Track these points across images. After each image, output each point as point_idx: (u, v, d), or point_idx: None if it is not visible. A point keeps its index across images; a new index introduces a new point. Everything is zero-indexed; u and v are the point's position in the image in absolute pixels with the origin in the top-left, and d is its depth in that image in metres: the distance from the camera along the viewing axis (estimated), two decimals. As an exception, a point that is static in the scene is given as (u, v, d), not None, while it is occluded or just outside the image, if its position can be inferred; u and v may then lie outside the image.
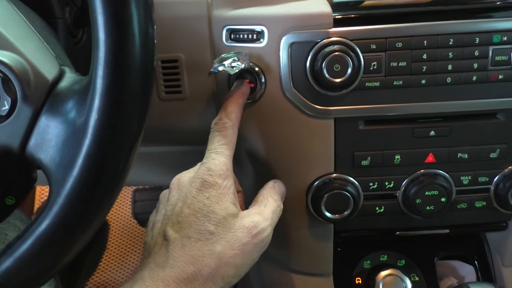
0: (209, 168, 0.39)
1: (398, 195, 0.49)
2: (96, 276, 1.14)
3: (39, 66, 0.31)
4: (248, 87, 0.45)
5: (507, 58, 0.43)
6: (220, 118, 0.42)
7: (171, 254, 0.36)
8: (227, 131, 0.41)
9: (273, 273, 0.57)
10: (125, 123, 0.28)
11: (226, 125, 0.41)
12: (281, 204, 0.43)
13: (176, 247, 0.36)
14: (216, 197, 0.38)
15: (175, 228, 0.37)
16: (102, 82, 0.27)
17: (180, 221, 0.37)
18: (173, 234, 0.37)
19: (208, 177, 0.38)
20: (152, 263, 0.36)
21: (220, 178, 0.38)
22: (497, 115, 0.47)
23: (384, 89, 0.44)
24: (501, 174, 0.48)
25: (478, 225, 0.53)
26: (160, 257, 0.36)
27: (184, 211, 0.37)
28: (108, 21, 0.26)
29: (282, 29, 0.44)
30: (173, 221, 0.37)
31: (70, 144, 0.29)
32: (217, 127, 0.41)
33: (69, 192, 0.29)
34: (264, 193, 0.43)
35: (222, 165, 0.39)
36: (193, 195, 0.38)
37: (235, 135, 0.42)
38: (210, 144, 0.41)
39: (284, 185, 0.46)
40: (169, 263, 0.35)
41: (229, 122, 0.42)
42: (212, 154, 0.40)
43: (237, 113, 0.43)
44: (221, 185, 0.38)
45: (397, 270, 0.53)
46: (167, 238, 0.37)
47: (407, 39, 0.43)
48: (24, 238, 0.30)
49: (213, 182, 0.38)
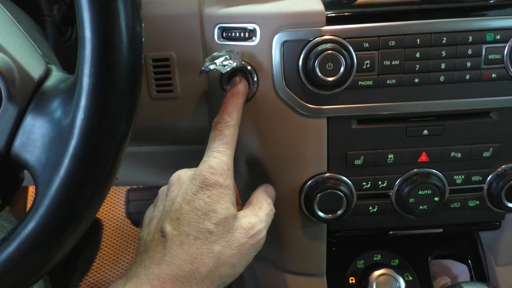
0: (210, 166, 0.38)
1: (392, 194, 0.49)
2: (90, 276, 1.14)
3: (24, 65, 0.30)
4: (246, 85, 0.45)
5: (500, 57, 0.43)
6: (221, 117, 0.41)
7: (168, 251, 0.35)
8: (229, 130, 0.41)
9: (266, 274, 0.57)
10: (112, 123, 0.28)
11: (228, 124, 0.41)
12: (273, 207, 0.43)
13: (174, 244, 0.35)
14: (217, 196, 0.37)
15: (174, 224, 0.36)
16: (88, 81, 0.27)
17: (179, 218, 0.36)
18: (171, 231, 0.36)
19: (210, 175, 0.38)
20: (148, 260, 0.35)
21: (222, 178, 0.38)
22: (490, 114, 0.47)
23: (377, 88, 0.44)
24: (494, 173, 0.48)
25: (471, 224, 0.53)
26: (156, 254, 0.36)
27: (184, 207, 0.37)
28: (94, 18, 0.26)
29: (274, 27, 0.43)
30: (171, 217, 0.37)
31: (56, 144, 0.29)
32: (219, 126, 0.41)
33: (55, 193, 0.28)
34: (258, 196, 0.43)
35: (223, 164, 0.39)
36: (194, 192, 0.37)
37: (236, 134, 0.42)
38: (211, 143, 0.41)
39: (274, 189, 0.47)
40: (166, 260, 0.35)
41: (231, 121, 0.41)
42: (214, 153, 0.39)
43: (238, 113, 0.42)
44: (222, 185, 0.38)
45: (390, 270, 0.53)
46: (164, 235, 0.36)
47: (400, 37, 0.43)
48: (10, 240, 0.30)
49: (215, 181, 0.38)
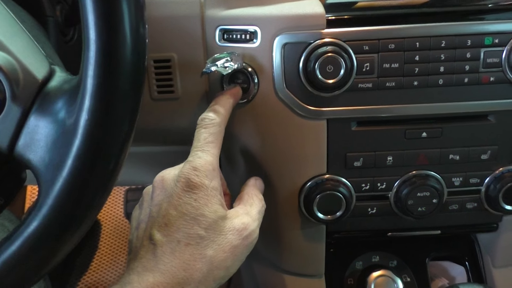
0: (195, 168, 0.37)
1: (390, 196, 0.49)
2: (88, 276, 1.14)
3: (28, 65, 0.31)
4: (240, 90, 0.44)
5: (498, 60, 0.44)
6: (207, 114, 0.40)
7: (160, 259, 0.34)
8: (214, 128, 0.39)
9: (265, 274, 0.57)
10: (115, 124, 0.28)
11: (213, 122, 0.39)
12: (264, 203, 0.42)
13: (165, 251, 0.34)
14: (204, 199, 0.36)
15: (162, 231, 0.35)
16: (92, 82, 0.27)
17: (167, 224, 0.35)
18: (161, 238, 0.35)
19: (194, 177, 0.36)
20: (140, 267, 0.35)
21: (207, 179, 0.36)
22: (488, 117, 0.47)
23: (377, 90, 0.44)
24: (492, 175, 0.48)
25: (469, 226, 0.53)
26: (147, 261, 0.35)
27: (171, 213, 0.36)
28: (98, 20, 0.26)
29: (275, 29, 0.43)
30: (159, 223, 0.36)
31: (59, 144, 0.29)
32: (203, 123, 0.39)
33: (58, 193, 0.28)
34: (249, 191, 0.42)
35: (208, 164, 0.37)
36: (179, 196, 0.36)
37: (222, 133, 0.40)
38: (196, 141, 0.39)
39: (263, 182, 0.45)
40: (159, 268, 0.34)
41: (217, 118, 0.39)
42: (198, 152, 0.38)
43: (225, 111, 0.41)
44: (208, 187, 0.36)
45: (388, 271, 0.53)
46: (154, 242, 0.35)
47: (400, 40, 0.43)
48: (12, 239, 0.30)
49: (200, 183, 0.36)
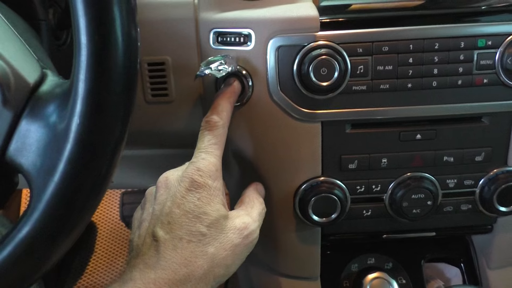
0: (198, 168, 0.38)
1: (385, 198, 0.49)
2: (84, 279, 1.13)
3: (20, 69, 0.30)
4: (239, 86, 0.45)
5: (491, 62, 0.44)
6: (210, 117, 0.41)
7: (162, 255, 0.35)
8: (218, 130, 0.40)
9: (261, 277, 0.57)
10: (107, 128, 0.28)
11: (217, 124, 0.40)
12: (265, 206, 0.43)
13: (167, 248, 0.35)
14: (207, 198, 0.37)
15: (165, 228, 0.36)
16: (84, 86, 0.27)
17: (170, 222, 0.36)
18: (164, 235, 0.36)
19: (198, 178, 0.37)
20: (142, 264, 0.35)
21: (210, 179, 0.38)
22: (482, 119, 0.47)
23: (371, 92, 0.44)
24: (486, 177, 0.49)
25: (464, 227, 0.53)
26: (149, 258, 0.35)
27: (174, 211, 0.37)
28: (89, 24, 0.26)
29: (269, 32, 0.43)
30: (162, 221, 0.37)
31: (51, 149, 0.29)
32: (208, 126, 0.40)
33: (50, 198, 0.28)
34: (250, 195, 0.43)
35: (211, 165, 0.38)
36: (183, 195, 0.37)
37: (225, 134, 0.41)
38: (200, 143, 0.40)
39: (263, 188, 0.46)
40: (161, 264, 0.35)
41: (220, 121, 0.41)
42: (202, 154, 0.39)
43: (228, 112, 0.42)
44: (211, 186, 0.38)
45: (384, 273, 0.53)
46: (156, 239, 0.36)
47: (393, 43, 0.43)
48: (4, 244, 0.30)
49: (203, 183, 0.37)
